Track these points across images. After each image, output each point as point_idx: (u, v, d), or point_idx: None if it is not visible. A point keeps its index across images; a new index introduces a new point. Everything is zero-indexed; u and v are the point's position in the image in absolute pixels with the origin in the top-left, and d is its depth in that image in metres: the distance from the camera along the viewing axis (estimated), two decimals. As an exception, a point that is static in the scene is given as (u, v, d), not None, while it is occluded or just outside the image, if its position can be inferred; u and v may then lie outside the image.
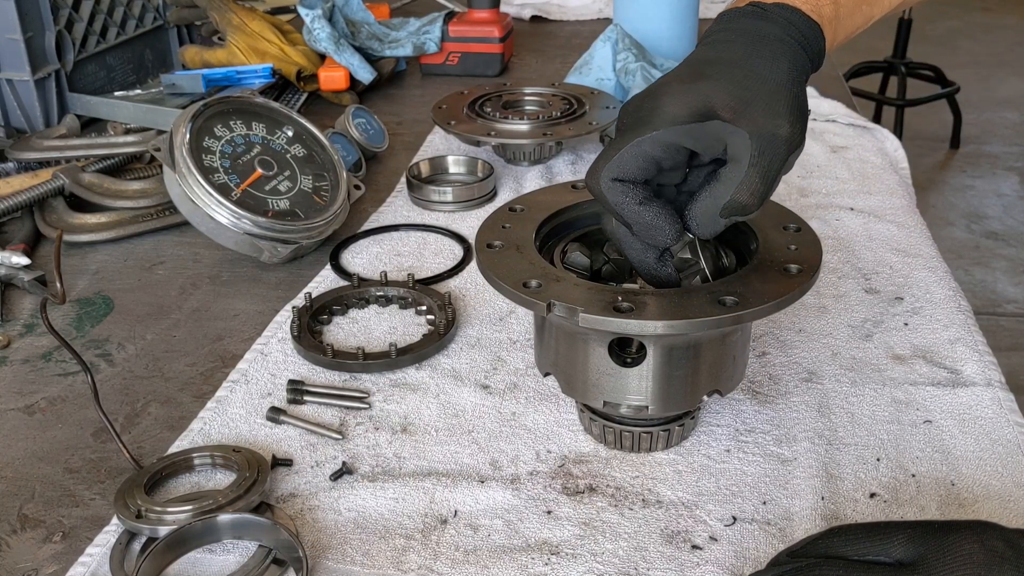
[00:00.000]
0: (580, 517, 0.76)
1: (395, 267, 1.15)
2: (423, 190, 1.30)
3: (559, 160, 1.43)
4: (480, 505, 0.77)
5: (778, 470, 0.80)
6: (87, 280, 1.15)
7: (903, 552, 0.59)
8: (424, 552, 0.73)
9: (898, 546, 0.59)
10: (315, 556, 0.72)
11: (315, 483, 0.80)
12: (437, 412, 0.89)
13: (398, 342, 0.96)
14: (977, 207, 4.15)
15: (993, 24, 6.86)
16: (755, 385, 0.91)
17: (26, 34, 1.44)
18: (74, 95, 1.55)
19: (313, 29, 1.69)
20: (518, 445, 0.84)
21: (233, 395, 0.91)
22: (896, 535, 0.60)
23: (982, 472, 0.79)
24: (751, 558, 0.71)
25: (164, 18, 1.81)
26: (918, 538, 0.59)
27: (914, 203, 1.32)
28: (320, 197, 1.18)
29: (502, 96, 1.46)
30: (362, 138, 1.41)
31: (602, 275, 0.87)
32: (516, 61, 1.99)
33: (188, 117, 1.11)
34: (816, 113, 1.59)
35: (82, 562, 0.72)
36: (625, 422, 0.81)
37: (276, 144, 1.20)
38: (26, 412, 0.91)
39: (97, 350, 1.01)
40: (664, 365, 0.75)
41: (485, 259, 0.78)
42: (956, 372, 0.92)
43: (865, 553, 0.60)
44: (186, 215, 1.13)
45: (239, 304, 1.09)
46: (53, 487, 0.81)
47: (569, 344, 0.78)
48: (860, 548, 0.60)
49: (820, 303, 1.04)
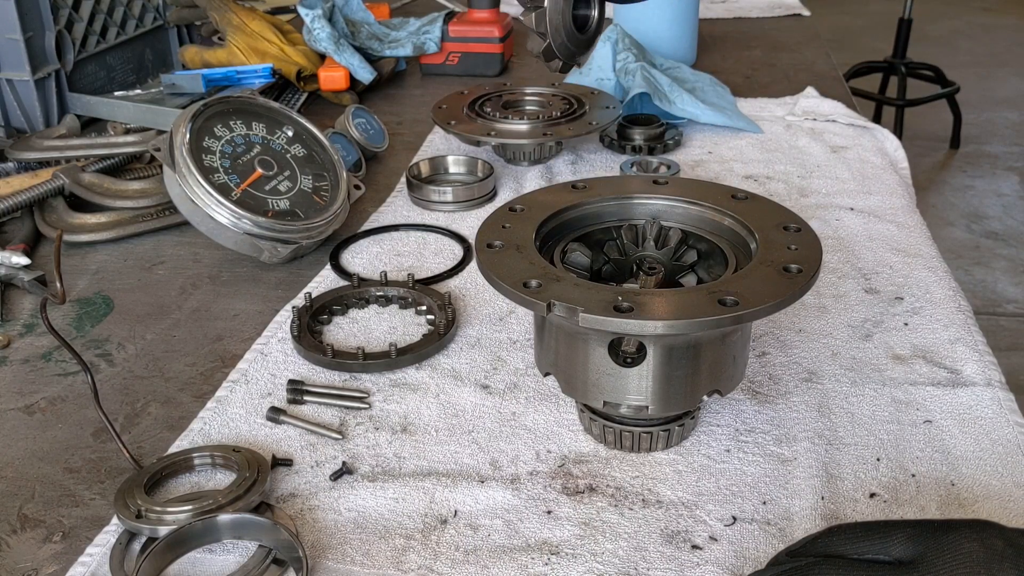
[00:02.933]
0: (580, 517, 0.76)
1: (395, 267, 1.15)
2: (423, 190, 1.30)
3: (559, 160, 1.43)
4: (480, 505, 0.77)
5: (778, 470, 0.80)
6: (87, 280, 1.15)
7: (903, 551, 0.59)
8: (424, 552, 0.73)
9: (897, 545, 0.59)
10: (315, 556, 0.72)
11: (315, 483, 0.80)
12: (437, 412, 0.89)
13: (398, 342, 0.96)
14: (977, 207, 4.15)
15: (993, 24, 6.86)
16: (755, 385, 0.91)
17: (26, 34, 1.44)
18: (74, 95, 1.55)
19: (313, 29, 1.69)
20: (518, 445, 0.84)
21: (233, 395, 0.91)
22: (896, 534, 0.60)
23: (982, 472, 0.79)
24: (751, 558, 0.71)
25: (164, 18, 1.81)
26: (917, 537, 0.59)
27: (914, 203, 1.32)
28: (320, 197, 1.18)
29: (502, 96, 1.46)
30: (362, 138, 1.41)
31: (602, 275, 0.87)
32: (516, 61, 1.99)
33: (188, 117, 1.11)
34: (816, 113, 1.59)
35: (82, 562, 0.72)
36: (625, 422, 0.81)
37: (276, 144, 1.20)
38: (26, 412, 0.91)
39: (97, 350, 1.01)
40: (664, 365, 0.75)
41: (485, 259, 0.78)
42: (956, 372, 0.92)
43: (864, 552, 0.60)
44: (186, 215, 1.13)
45: (239, 304, 1.09)
46: (53, 487, 0.81)
47: (569, 344, 0.78)
48: (859, 547, 0.60)
49: (820, 303, 1.04)
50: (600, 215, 0.88)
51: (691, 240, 0.86)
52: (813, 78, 1.79)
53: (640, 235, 0.87)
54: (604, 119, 1.38)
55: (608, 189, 0.89)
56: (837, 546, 0.61)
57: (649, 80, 1.51)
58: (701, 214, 0.86)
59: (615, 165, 1.41)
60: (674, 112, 1.50)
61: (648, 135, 1.45)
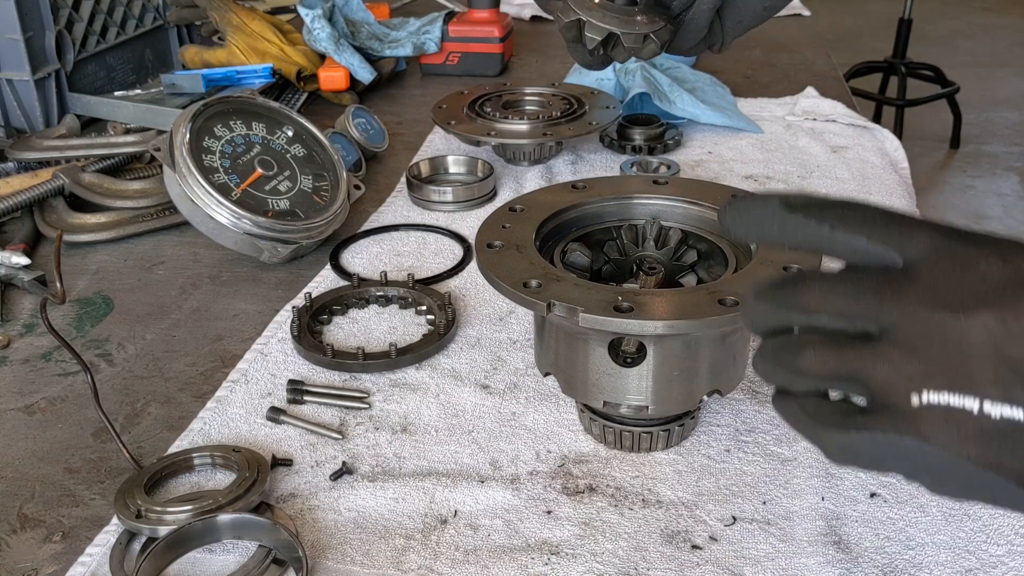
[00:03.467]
0: (580, 517, 0.76)
1: (395, 267, 1.15)
2: (423, 190, 1.30)
3: (559, 160, 1.43)
4: (480, 505, 0.77)
5: (778, 470, 0.80)
6: (87, 280, 1.15)
7: (918, 250, 0.49)
8: (424, 552, 0.72)
9: (918, 244, 0.49)
10: (315, 556, 0.72)
11: (315, 483, 0.80)
12: (437, 412, 0.89)
13: (398, 342, 0.96)
14: (977, 207, 4.15)
15: (993, 24, 6.86)
16: (755, 385, 0.90)
17: (26, 34, 1.44)
18: (74, 95, 1.55)
19: (313, 29, 1.69)
20: (518, 445, 0.84)
21: (233, 395, 0.91)
22: (918, 233, 0.49)
23: (982, 472, 0.79)
24: (751, 558, 0.71)
25: (164, 18, 1.81)
26: (937, 239, 0.49)
27: (914, 203, 1.32)
28: (320, 197, 1.18)
29: (502, 96, 1.46)
30: (362, 138, 1.41)
31: (602, 275, 0.87)
32: (516, 61, 1.99)
33: (188, 117, 1.11)
34: (816, 113, 1.59)
35: (82, 562, 0.72)
36: (625, 422, 0.81)
37: (276, 144, 1.20)
38: (26, 412, 0.91)
39: (97, 350, 1.01)
40: (664, 365, 0.75)
41: (485, 259, 0.78)
42: (956, 372, 0.91)
43: (879, 240, 0.49)
44: (186, 215, 1.13)
45: (239, 304, 1.09)
46: (53, 487, 0.81)
47: (569, 344, 0.78)
48: (876, 232, 0.50)
49: (820, 303, 1.03)
50: (600, 215, 0.88)
51: (691, 240, 0.86)
52: (813, 78, 1.79)
53: (640, 235, 0.87)
54: (604, 119, 1.38)
55: (608, 189, 0.89)
56: (854, 225, 0.50)
57: (649, 80, 1.51)
58: (701, 214, 0.86)
59: (615, 165, 1.41)
60: (674, 112, 1.50)
61: (648, 135, 1.45)
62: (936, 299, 0.46)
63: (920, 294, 0.47)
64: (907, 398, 0.46)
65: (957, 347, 0.45)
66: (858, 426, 0.47)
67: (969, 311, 0.45)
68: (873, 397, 0.47)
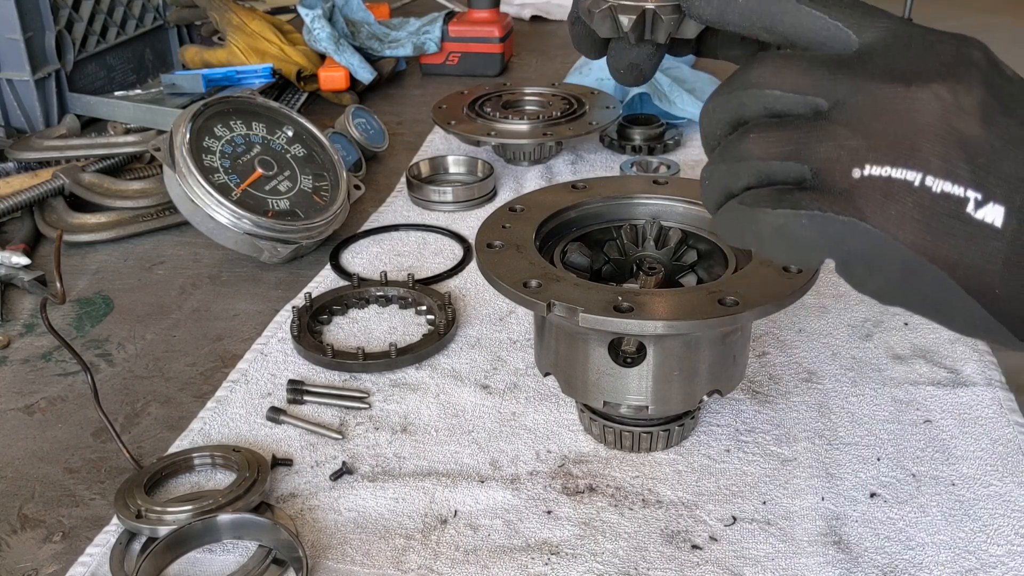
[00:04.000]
0: (580, 517, 0.76)
1: (395, 267, 1.15)
2: (423, 190, 1.30)
3: (559, 160, 1.43)
4: (480, 505, 0.77)
5: (778, 470, 0.80)
6: (87, 280, 1.15)
7: (875, 32, 0.48)
8: (424, 552, 0.72)
9: (876, 26, 0.48)
10: (315, 556, 0.72)
11: (315, 483, 0.80)
12: (437, 412, 0.89)
13: (398, 342, 0.96)
14: (977, 207, 4.14)
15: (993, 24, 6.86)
16: (755, 385, 0.91)
17: (26, 34, 1.44)
18: (74, 95, 1.55)
19: (313, 29, 1.69)
20: (518, 445, 0.84)
21: (233, 395, 0.91)
22: (879, 17, 0.49)
23: (982, 472, 0.79)
24: (751, 558, 0.71)
25: (164, 18, 1.81)
26: (896, 23, 0.49)
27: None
28: (320, 197, 1.18)
29: (502, 96, 1.46)
30: (362, 138, 1.41)
31: (602, 275, 0.87)
32: (516, 61, 1.99)
33: (188, 117, 1.11)
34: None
35: (82, 562, 0.72)
36: (625, 422, 0.81)
37: (276, 144, 1.20)
38: (26, 412, 0.91)
39: (97, 350, 1.01)
40: (664, 365, 0.75)
41: (485, 259, 0.78)
42: (956, 372, 0.92)
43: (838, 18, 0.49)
44: (186, 215, 1.13)
45: (239, 304, 1.09)
46: (53, 487, 0.81)
47: (569, 344, 0.78)
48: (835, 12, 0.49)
49: (820, 303, 1.04)
50: (600, 215, 0.88)
51: (691, 240, 0.86)
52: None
53: (640, 235, 0.87)
54: (604, 119, 1.38)
55: (608, 189, 0.89)
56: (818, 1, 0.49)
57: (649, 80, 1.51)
58: (701, 214, 0.86)
59: (615, 165, 1.41)
60: (674, 112, 1.50)
61: (648, 135, 1.45)
62: (891, 73, 0.45)
63: (874, 68, 0.46)
64: (848, 173, 0.44)
65: (907, 119, 0.44)
66: (792, 203, 0.45)
67: (923, 82, 0.44)
68: (815, 176, 0.46)
